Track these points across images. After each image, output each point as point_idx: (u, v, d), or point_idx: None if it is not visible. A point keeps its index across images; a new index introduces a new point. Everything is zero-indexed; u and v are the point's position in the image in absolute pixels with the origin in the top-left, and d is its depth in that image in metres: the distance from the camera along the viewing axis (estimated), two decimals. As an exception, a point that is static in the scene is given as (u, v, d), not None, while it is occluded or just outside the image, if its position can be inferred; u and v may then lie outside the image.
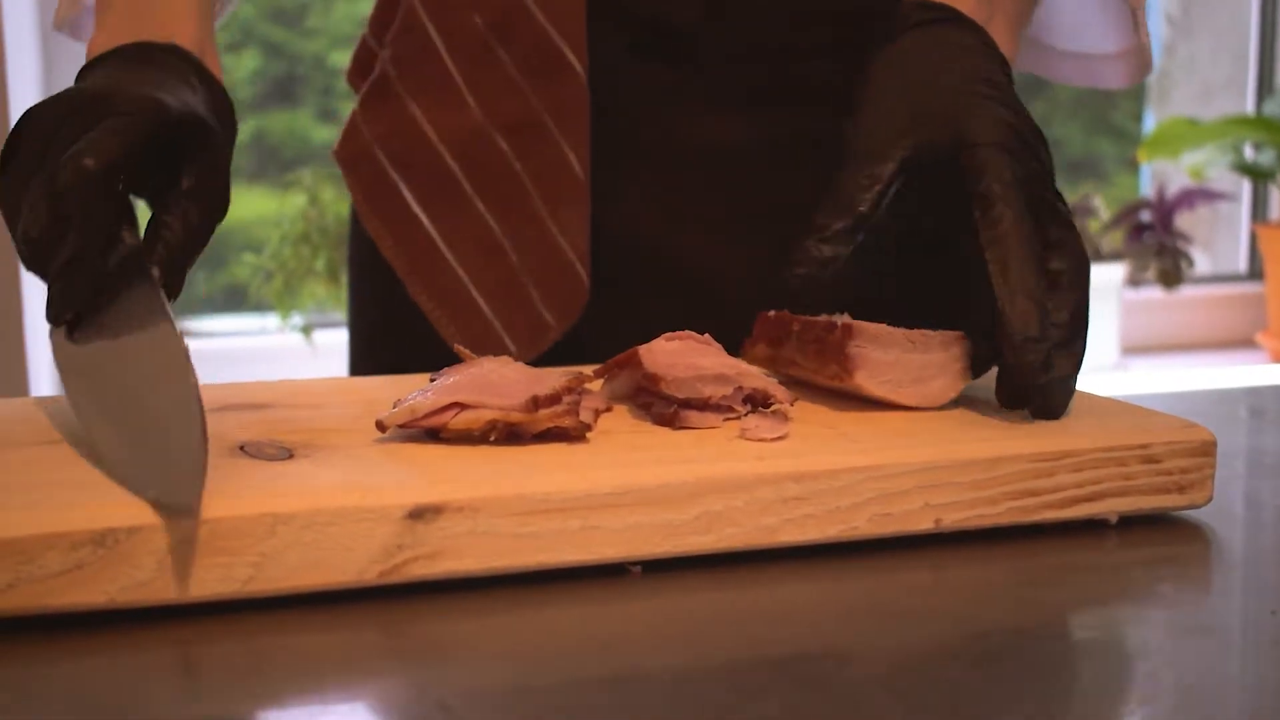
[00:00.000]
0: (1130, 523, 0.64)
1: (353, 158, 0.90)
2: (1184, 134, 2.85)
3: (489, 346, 0.87)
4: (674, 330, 0.69)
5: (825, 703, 0.46)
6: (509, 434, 0.60)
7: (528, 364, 0.67)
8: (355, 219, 0.97)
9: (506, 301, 0.88)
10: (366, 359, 0.99)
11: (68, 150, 0.61)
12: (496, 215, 0.88)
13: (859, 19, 0.83)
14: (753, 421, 0.63)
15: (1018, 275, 0.64)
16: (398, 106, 0.88)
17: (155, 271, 0.63)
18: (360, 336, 0.99)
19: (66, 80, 0.75)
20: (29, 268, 0.62)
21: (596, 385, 0.69)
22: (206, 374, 0.60)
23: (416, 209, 0.88)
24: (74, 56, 2.15)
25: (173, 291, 0.64)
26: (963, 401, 0.69)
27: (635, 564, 0.56)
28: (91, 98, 0.64)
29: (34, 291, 1.97)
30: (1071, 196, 2.77)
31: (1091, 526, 0.63)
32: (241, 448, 0.58)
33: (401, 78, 0.89)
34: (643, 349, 0.67)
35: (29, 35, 2.05)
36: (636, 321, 0.76)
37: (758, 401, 0.65)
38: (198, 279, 2.35)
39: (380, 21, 0.91)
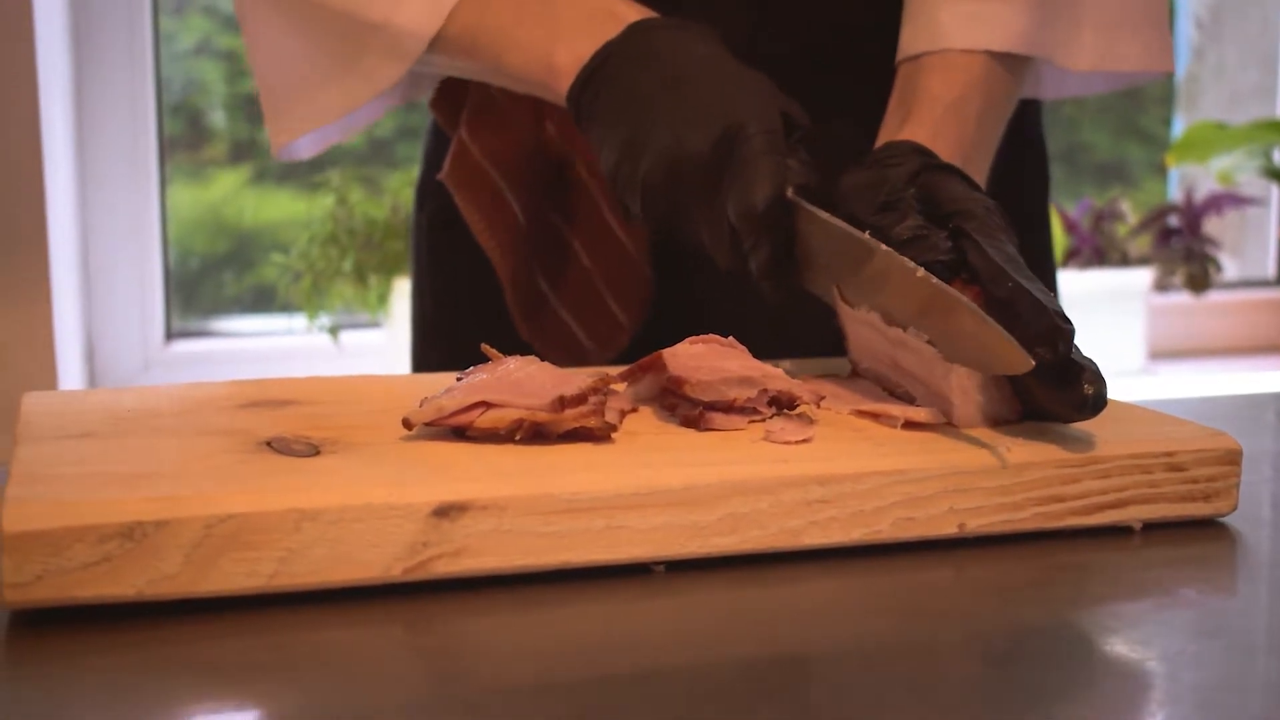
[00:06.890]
0: (1155, 523, 0.63)
1: (465, 179, 0.90)
2: (1212, 138, 2.83)
3: (570, 350, 0.90)
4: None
5: (846, 702, 0.46)
6: (534, 433, 0.60)
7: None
8: (420, 220, 1.00)
9: (581, 304, 0.91)
10: (429, 359, 1.01)
11: (741, 179, 0.70)
12: (566, 220, 0.91)
13: (892, 28, 0.87)
14: (778, 424, 0.63)
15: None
16: (502, 121, 0.89)
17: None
18: (424, 335, 1.01)
19: (93, 82, 0.75)
20: (730, 266, 0.73)
21: (622, 387, 0.69)
22: (234, 374, 0.61)
23: (522, 220, 0.90)
24: (101, 60, 2.17)
25: None
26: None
27: (659, 563, 0.56)
28: (728, 130, 0.70)
29: (63, 285, 1.98)
30: (1099, 201, 2.76)
31: (1115, 527, 0.63)
32: (269, 443, 0.58)
33: (505, 92, 0.89)
34: (666, 352, 0.67)
35: (59, 38, 2.06)
36: (705, 322, 0.77)
37: (782, 404, 0.65)
38: (226, 279, 2.36)
39: None
